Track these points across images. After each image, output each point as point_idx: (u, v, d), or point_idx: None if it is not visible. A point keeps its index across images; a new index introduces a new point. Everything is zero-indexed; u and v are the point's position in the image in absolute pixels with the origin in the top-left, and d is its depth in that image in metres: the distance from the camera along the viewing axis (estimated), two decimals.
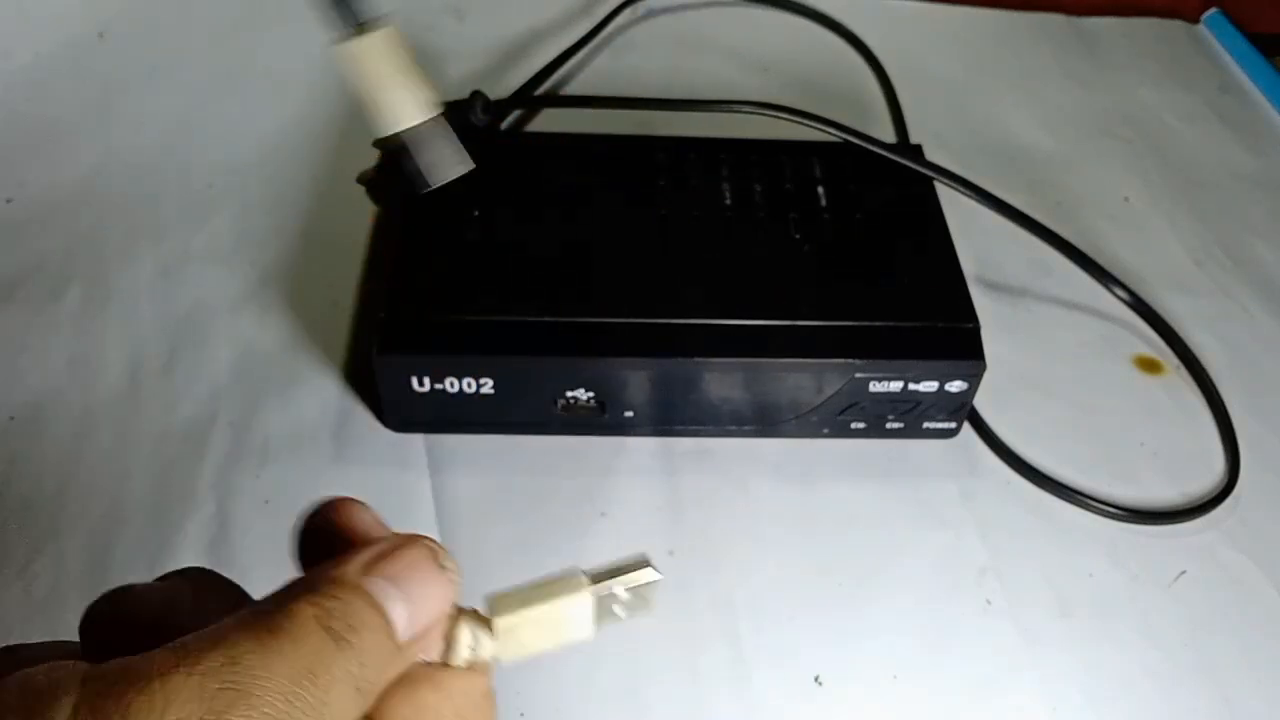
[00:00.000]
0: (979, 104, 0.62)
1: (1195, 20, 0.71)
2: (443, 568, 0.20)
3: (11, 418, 0.41)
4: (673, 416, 0.42)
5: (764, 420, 0.42)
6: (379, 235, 0.50)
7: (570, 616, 0.23)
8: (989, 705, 0.37)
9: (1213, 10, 0.71)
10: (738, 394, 0.41)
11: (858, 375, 0.40)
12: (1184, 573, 0.41)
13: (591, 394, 0.41)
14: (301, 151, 0.54)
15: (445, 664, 0.22)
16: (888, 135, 0.58)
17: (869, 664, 0.37)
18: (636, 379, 0.40)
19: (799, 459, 0.43)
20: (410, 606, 0.19)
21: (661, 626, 0.38)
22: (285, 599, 0.18)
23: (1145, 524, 0.42)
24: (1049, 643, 0.38)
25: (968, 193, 0.47)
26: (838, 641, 0.38)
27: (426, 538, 0.21)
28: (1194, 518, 0.42)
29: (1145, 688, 0.37)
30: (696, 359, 0.40)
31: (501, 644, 0.22)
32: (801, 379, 0.40)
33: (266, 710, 0.16)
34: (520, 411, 0.41)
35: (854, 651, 0.38)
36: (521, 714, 0.35)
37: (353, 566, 0.19)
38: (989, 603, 0.39)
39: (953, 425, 0.43)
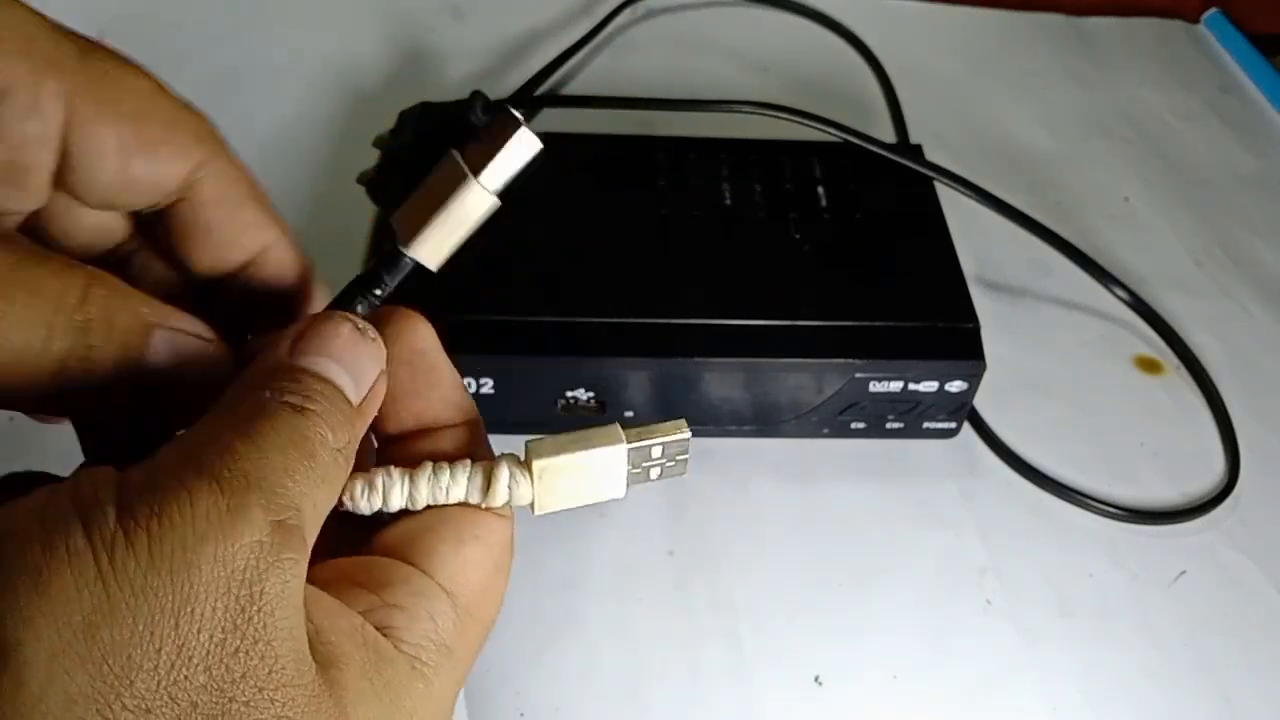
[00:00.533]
0: (979, 104, 0.62)
1: (1195, 20, 0.71)
2: (362, 330, 0.22)
3: (11, 418, 0.41)
4: (673, 416, 0.42)
5: (764, 420, 0.42)
6: (379, 235, 0.50)
7: (605, 468, 0.24)
8: (989, 705, 0.37)
9: (1213, 10, 0.71)
10: (738, 394, 0.41)
11: (858, 375, 0.40)
12: (1184, 573, 0.41)
13: (591, 394, 0.41)
14: (301, 151, 0.54)
15: (484, 507, 0.23)
16: (888, 135, 0.58)
17: (869, 664, 0.37)
18: (636, 379, 0.40)
19: (799, 459, 0.43)
20: (350, 372, 0.21)
21: (661, 626, 0.38)
22: (240, 394, 0.20)
23: (1145, 524, 0.42)
24: (1049, 643, 0.38)
25: (968, 193, 0.47)
26: (838, 641, 0.38)
27: (334, 312, 0.22)
28: (1194, 518, 0.42)
29: (1145, 688, 0.37)
30: (696, 359, 0.40)
31: (539, 489, 0.23)
32: (801, 379, 0.40)
33: (277, 490, 0.18)
34: (520, 411, 0.41)
35: (854, 651, 0.38)
36: (521, 714, 0.35)
37: (282, 349, 0.21)
38: (989, 603, 0.39)
39: (953, 425, 0.43)
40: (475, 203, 0.24)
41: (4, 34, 0.21)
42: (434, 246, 0.24)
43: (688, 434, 0.24)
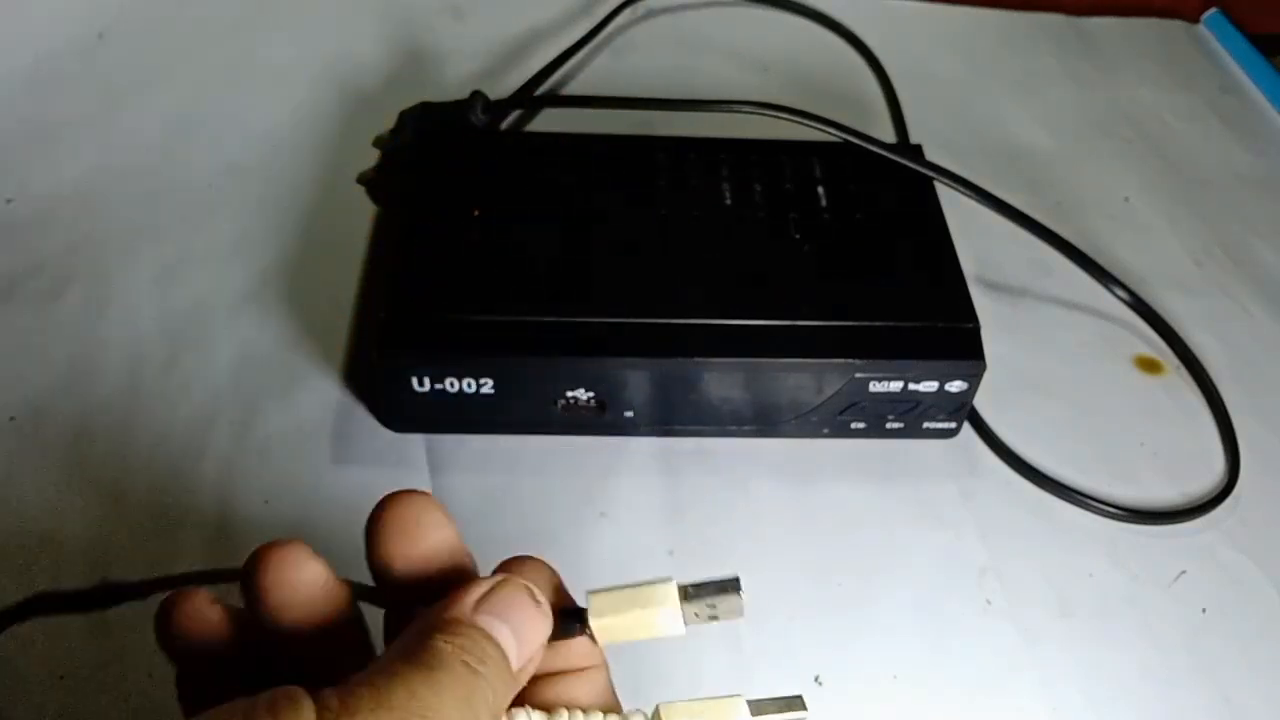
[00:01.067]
0: (979, 104, 0.62)
1: (1195, 20, 0.71)
2: (538, 603, 0.24)
3: (11, 418, 0.41)
4: (673, 416, 0.42)
5: (764, 420, 0.42)
6: (379, 235, 0.50)
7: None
8: (989, 705, 0.37)
9: (1213, 10, 0.71)
10: (738, 394, 0.41)
11: (858, 375, 0.40)
12: (1184, 573, 0.41)
13: (591, 394, 0.41)
14: (301, 151, 0.54)
15: None
16: (888, 135, 0.58)
17: (869, 664, 0.37)
18: (636, 379, 0.40)
19: (799, 459, 0.43)
20: (517, 639, 0.23)
21: None
22: (423, 638, 0.22)
23: (1145, 524, 0.42)
24: (1049, 643, 0.38)
25: (968, 193, 0.47)
26: (838, 641, 0.38)
27: (518, 580, 0.24)
28: (1194, 518, 0.42)
29: (1145, 688, 0.37)
30: (696, 359, 0.40)
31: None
32: (801, 379, 0.40)
33: None
34: (520, 411, 0.41)
35: (854, 651, 0.38)
36: None
37: (466, 606, 0.23)
38: (989, 603, 0.39)
39: (953, 425, 0.43)
40: (667, 622, 0.26)
41: None
42: (609, 630, 0.26)
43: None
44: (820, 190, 0.46)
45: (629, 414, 0.42)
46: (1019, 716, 0.37)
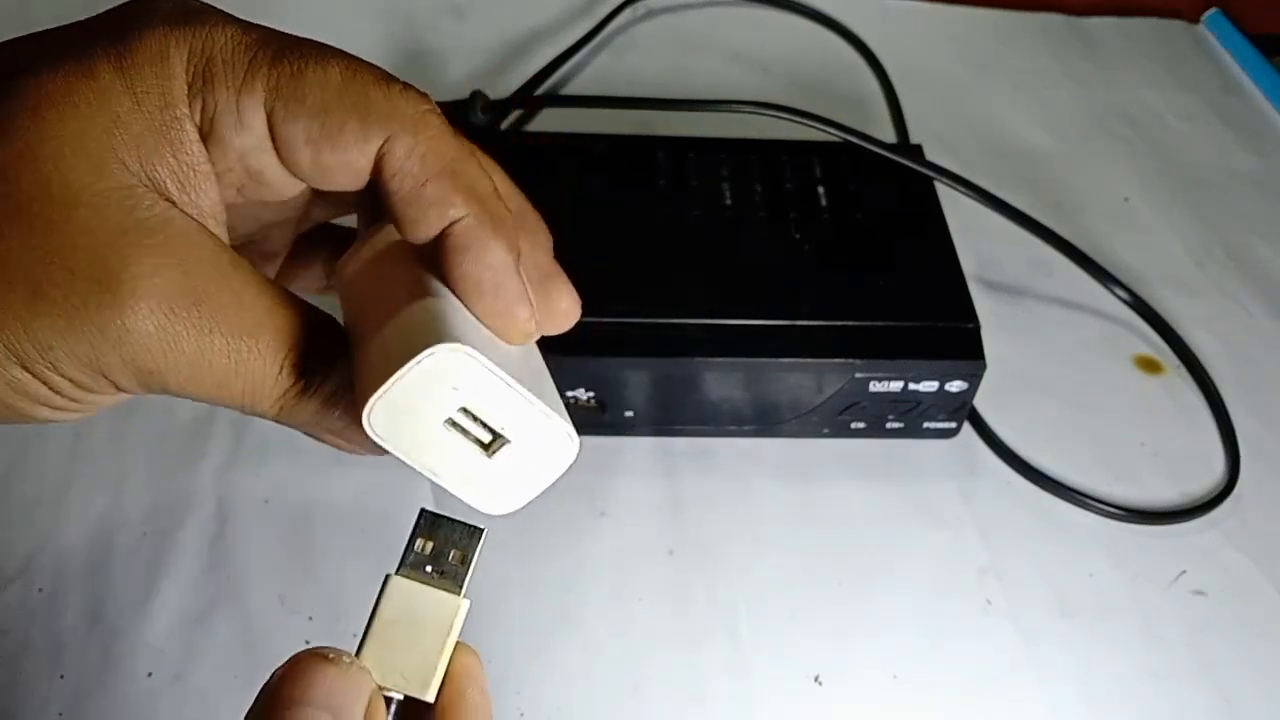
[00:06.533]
0: (979, 104, 0.62)
1: (1195, 20, 0.71)
2: (334, 661, 0.22)
3: None
4: (673, 416, 0.42)
5: (764, 420, 0.42)
6: None
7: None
8: (989, 705, 0.37)
9: (1213, 10, 0.71)
10: (738, 394, 0.41)
11: (858, 375, 0.40)
12: (1184, 573, 0.41)
13: (591, 394, 0.41)
14: None
15: None
16: (888, 135, 0.58)
17: (869, 664, 0.37)
18: (636, 379, 0.40)
19: (799, 459, 0.43)
20: (331, 711, 0.22)
21: (661, 626, 0.38)
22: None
23: (1145, 524, 0.42)
24: (1049, 643, 0.38)
25: (968, 193, 0.47)
26: (838, 641, 0.38)
27: (312, 649, 0.23)
28: (1194, 518, 0.42)
29: (1145, 688, 0.38)
30: (696, 359, 0.40)
31: None
32: (801, 379, 0.40)
33: None
34: None
35: (854, 651, 0.38)
36: (521, 714, 0.35)
37: (262, 700, 0.22)
38: (989, 603, 0.39)
39: (953, 425, 0.43)
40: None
41: (212, 61, 0.24)
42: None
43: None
44: (820, 190, 0.46)
45: (629, 414, 0.42)
46: (1018, 716, 0.37)
